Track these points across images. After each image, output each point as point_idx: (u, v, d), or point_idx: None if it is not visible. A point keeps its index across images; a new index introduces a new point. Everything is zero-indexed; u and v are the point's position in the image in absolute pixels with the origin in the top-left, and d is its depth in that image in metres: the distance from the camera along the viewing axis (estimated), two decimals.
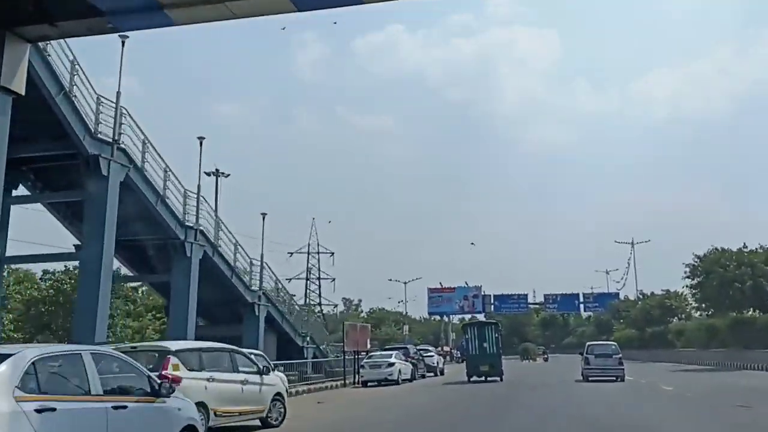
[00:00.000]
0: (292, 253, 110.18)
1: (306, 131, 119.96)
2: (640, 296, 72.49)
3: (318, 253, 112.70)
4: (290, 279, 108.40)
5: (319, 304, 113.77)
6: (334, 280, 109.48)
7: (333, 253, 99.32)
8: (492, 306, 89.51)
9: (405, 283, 75.91)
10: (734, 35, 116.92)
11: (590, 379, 26.93)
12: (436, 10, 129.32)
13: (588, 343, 30.47)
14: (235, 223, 67.97)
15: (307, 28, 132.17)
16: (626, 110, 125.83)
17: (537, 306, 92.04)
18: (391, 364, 29.07)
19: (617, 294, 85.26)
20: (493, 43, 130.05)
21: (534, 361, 66.71)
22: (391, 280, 76.35)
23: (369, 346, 33.48)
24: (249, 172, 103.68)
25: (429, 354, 41.54)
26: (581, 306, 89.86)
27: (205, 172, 33.00)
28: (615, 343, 31.88)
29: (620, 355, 28.05)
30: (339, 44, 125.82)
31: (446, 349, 70.75)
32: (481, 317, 78.39)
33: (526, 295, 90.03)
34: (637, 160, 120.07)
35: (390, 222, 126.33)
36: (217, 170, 35.01)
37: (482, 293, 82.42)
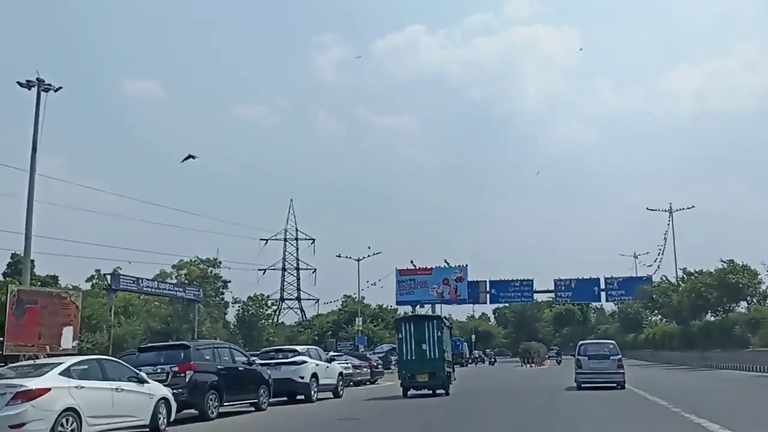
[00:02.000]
0: (266, 240, 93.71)
1: (325, 132, 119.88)
2: (684, 275, 52.43)
3: (297, 239, 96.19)
4: (264, 269, 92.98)
5: (298, 299, 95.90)
6: (315, 271, 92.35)
7: (313, 240, 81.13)
8: (488, 295, 70.25)
9: (358, 260, 56.89)
10: (759, 30, 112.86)
11: (584, 386, 22.33)
12: (455, 10, 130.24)
13: (580, 342, 25.41)
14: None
15: (328, 30, 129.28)
16: (650, 108, 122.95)
17: (546, 295, 72.16)
18: None
19: (649, 279, 65.18)
20: (513, 42, 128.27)
21: (539, 366, 53.03)
22: (339, 256, 57.58)
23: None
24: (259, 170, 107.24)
25: (342, 361, 29.67)
26: (602, 295, 69.96)
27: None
28: (613, 342, 25.86)
29: (620, 356, 23.06)
30: (359, 46, 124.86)
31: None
32: (474, 310, 59.68)
33: (531, 280, 70.63)
34: (663, 157, 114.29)
35: (406, 222, 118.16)
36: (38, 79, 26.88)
37: (467, 276, 62.88)
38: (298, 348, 23.51)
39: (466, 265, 62.03)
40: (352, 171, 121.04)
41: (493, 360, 70.09)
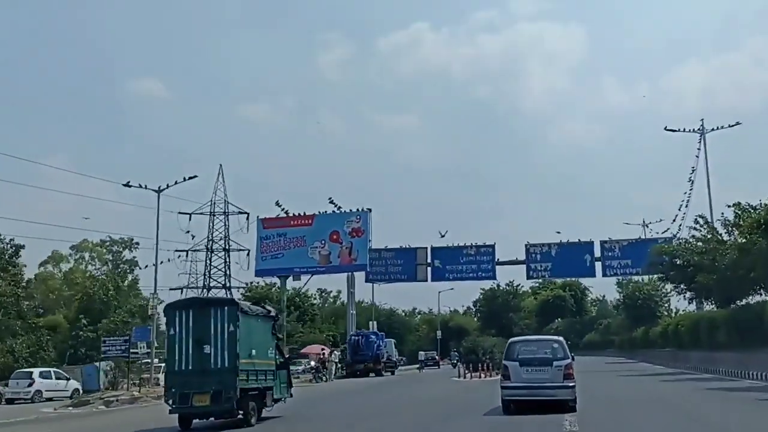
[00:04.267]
0: (190, 215, 72.07)
1: (330, 130, 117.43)
2: (737, 213, 28.99)
3: (226, 214, 75.73)
4: (186, 251, 71.41)
5: (226, 287, 73.15)
6: (249, 252, 69.43)
7: (248, 215, 55.78)
8: (429, 269, 47.37)
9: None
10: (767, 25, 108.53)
11: (513, 406, 15.19)
12: (460, 7, 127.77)
13: (510, 341, 16.76)
14: None
15: (332, 29, 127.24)
16: (657, 104, 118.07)
17: (518, 267, 48.73)
18: None
19: (670, 241, 41.87)
20: (518, 39, 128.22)
21: (488, 375, 33.11)
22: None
23: None
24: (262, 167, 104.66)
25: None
26: (597, 267, 46.72)
27: None
28: (560, 339, 16.39)
29: (569, 361, 15.12)
30: (363, 43, 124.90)
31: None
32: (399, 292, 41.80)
33: (491, 247, 47.55)
34: (668, 155, 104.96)
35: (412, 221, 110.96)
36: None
37: (371, 232, 39.67)
38: None
39: (369, 210, 38.95)
40: (353, 170, 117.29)
41: (429, 363, 48.84)
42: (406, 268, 48.45)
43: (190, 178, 31.27)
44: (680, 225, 39.37)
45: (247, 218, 72.92)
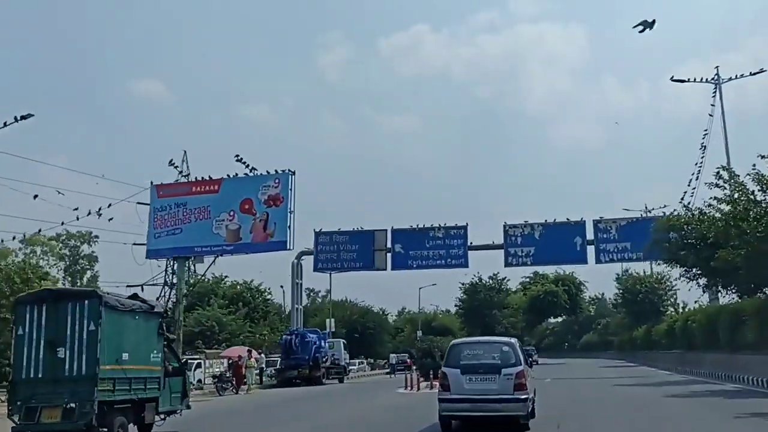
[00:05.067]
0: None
1: (331, 131, 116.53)
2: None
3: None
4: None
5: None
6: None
7: None
8: (389, 255, 39.72)
9: None
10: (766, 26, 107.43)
11: (453, 422, 12.99)
12: (460, 8, 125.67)
13: (452, 343, 14.21)
14: None
15: (333, 30, 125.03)
16: (658, 105, 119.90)
17: (495, 252, 40.68)
18: None
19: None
20: (519, 40, 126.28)
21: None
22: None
23: None
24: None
25: None
26: (589, 251, 38.70)
27: None
28: (511, 342, 13.55)
29: (521, 368, 12.56)
30: (364, 45, 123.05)
31: None
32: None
33: (463, 228, 39.74)
34: (671, 155, 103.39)
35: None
36: None
37: (292, 199, 31.39)
38: None
39: (291, 173, 30.58)
40: (354, 169, 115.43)
41: (400, 367, 41.92)
42: (362, 255, 40.53)
43: (23, 117, 23.61)
44: (690, 202, 31.51)
45: None
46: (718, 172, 23.08)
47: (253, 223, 30.60)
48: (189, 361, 32.44)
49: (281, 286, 79.71)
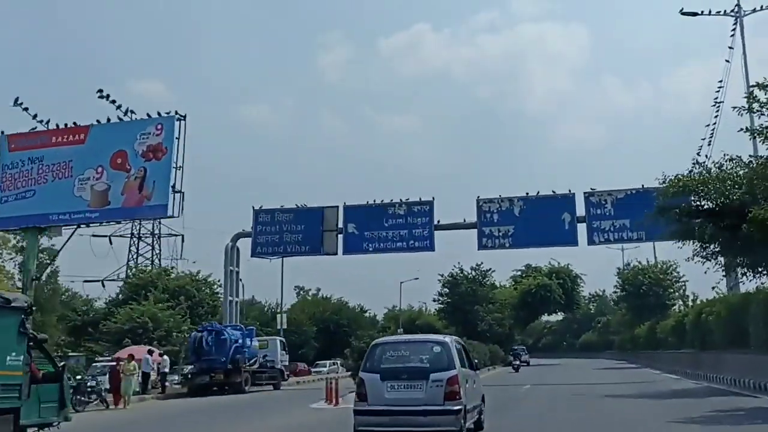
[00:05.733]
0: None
1: (331, 131, 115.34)
2: None
3: None
4: (109, 237, 61.40)
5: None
6: (183, 238, 63.49)
7: (182, 194, 40.32)
8: (340, 237, 33.26)
9: None
10: None
11: None
12: (461, 8, 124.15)
13: (373, 343, 12.05)
14: None
15: (333, 29, 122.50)
16: (658, 105, 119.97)
17: (467, 233, 33.72)
18: None
19: None
20: (519, 40, 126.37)
21: None
22: None
23: None
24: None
25: None
26: (580, 230, 31.77)
27: None
28: (443, 341, 11.53)
29: (454, 373, 10.72)
30: (364, 45, 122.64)
31: None
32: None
33: (429, 203, 33.11)
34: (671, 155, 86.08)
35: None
36: None
37: (180, 158, 24.25)
38: None
39: (181, 117, 23.44)
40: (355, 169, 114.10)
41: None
42: (308, 237, 33.81)
43: None
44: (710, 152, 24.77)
45: (182, 198, 59.72)
46: (751, 93, 16.32)
47: (125, 182, 23.57)
48: (105, 364, 25.94)
49: (240, 279, 74.34)
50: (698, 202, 21.43)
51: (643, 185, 30.35)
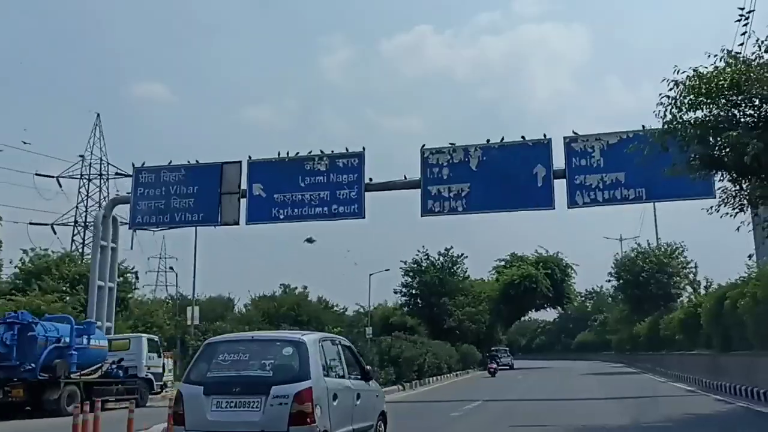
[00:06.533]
0: (57, 177, 53.28)
1: (333, 133, 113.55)
2: None
3: (104, 176, 59.15)
4: (52, 224, 55.18)
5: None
6: (135, 230, 48.13)
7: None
8: (243, 201, 24.84)
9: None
10: None
11: None
12: (462, 9, 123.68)
13: (206, 343, 8.79)
14: None
15: (334, 31, 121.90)
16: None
17: (409, 194, 25.36)
18: None
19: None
20: (521, 41, 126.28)
21: None
22: None
23: None
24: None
25: None
26: (557, 188, 23.38)
27: None
28: (303, 339, 8.20)
29: (307, 385, 7.62)
30: (366, 46, 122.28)
31: None
32: None
33: (358, 156, 24.87)
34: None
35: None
36: None
37: None
38: None
39: None
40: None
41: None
42: (203, 201, 25.60)
43: None
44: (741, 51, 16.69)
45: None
46: None
47: None
48: None
49: (171, 268, 65.83)
50: (730, 111, 13.32)
51: (643, 126, 21.95)
